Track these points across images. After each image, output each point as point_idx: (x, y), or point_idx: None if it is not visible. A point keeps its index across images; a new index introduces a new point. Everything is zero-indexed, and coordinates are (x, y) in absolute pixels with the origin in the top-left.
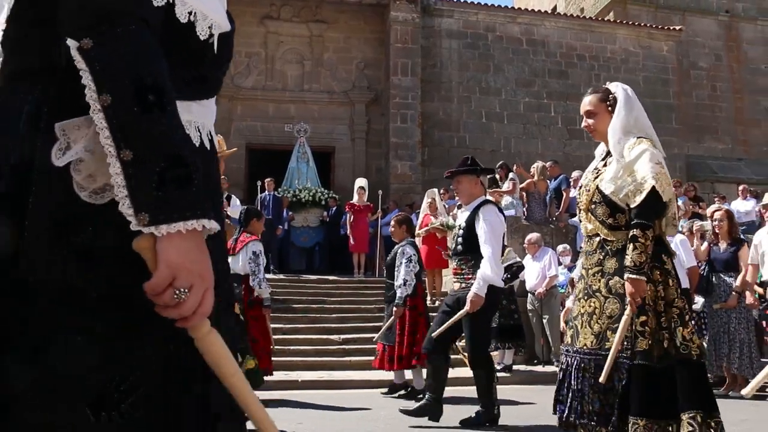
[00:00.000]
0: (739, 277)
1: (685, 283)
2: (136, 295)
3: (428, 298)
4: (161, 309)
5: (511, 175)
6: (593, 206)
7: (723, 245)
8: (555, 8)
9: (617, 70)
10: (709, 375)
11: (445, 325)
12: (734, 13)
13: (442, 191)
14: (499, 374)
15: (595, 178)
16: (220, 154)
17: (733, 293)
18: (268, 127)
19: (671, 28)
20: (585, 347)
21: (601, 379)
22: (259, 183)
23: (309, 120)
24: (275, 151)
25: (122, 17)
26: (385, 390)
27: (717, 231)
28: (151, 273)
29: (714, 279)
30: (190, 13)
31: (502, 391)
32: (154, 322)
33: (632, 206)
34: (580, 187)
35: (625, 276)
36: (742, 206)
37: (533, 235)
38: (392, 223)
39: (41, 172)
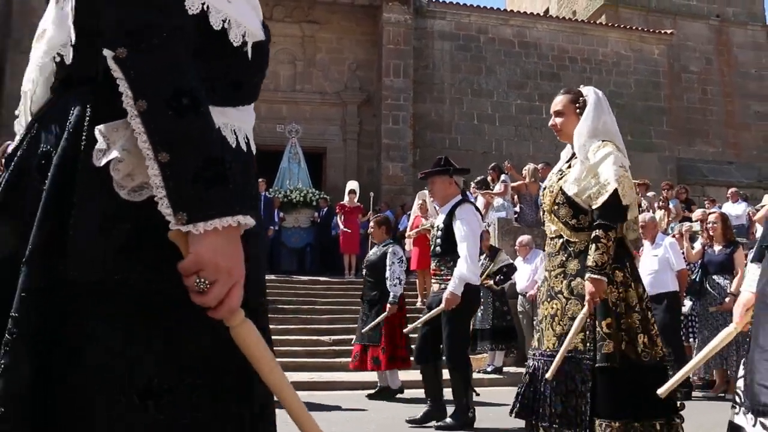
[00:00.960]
0: (736, 279)
1: (674, 286)
2: (176, 290)
3: (419, 299)
4: (191, 294)
5: (503, 177)
6: (556, 207)
7: (717, 248)
8: (547, 11)
9: (609, 73)
10: (697, 378)
11: (418, 321)
12: (724, 17)
13: None
14: (489, 376)
15: (559, 179)
16: None
17: (730, 296)
18: (260, 127)
19: (662, 31)
20: (548, 350)
21: (547, 376)
22: None
23: (301, 120)
24: (267, 152)
25: (157, 28)
26: (372, 392)
27: (711, 233)
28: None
29: (707, 282)
30: (224, 21)
31: (493, 393)
32: (195, 317)
33: (595, 207)
34: (544, 188)
35: (586, 276)
36: (732, 209)
37: (524, 237)
38: (371, 224)
39: (84, 173)
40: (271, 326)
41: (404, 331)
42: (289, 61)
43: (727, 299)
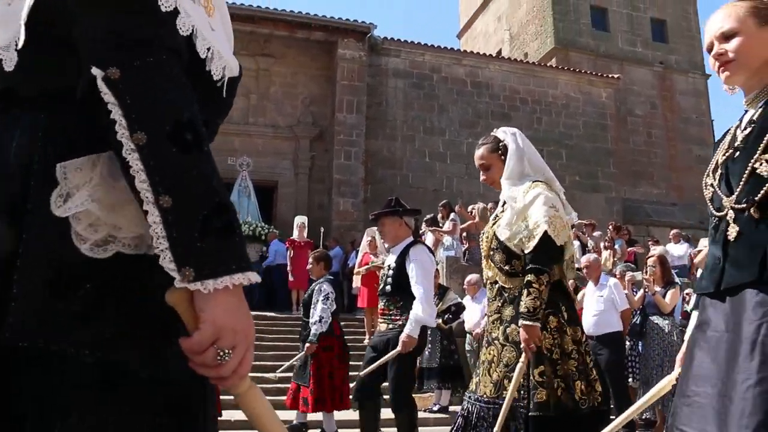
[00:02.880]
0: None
1: (619, 326)
2: (138, 361)
3: (367, 336)
4: (198, 367)
5: (452, 215)
6: (492, 253)
7: (657, 289)
8: (500, 52)
9: (558, 114)
10: (638, 418)
11: (374, 365)
12: (668, 65)
13: None
14: (435, 415)
15: (494, 224)
16: None
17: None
18: None
19: (610, 76)
20: (484, 396)
21: (495, 430)
22: None
23: (253, 154)
24: None
25: (154, 46)
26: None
27: (651, 277)
28: (188, 330)
29: (647, 323)
30: (208, 49)
31: None
32: (156, 393)
33: (526, 252)
34: (481, 234)
35: (519, 322)
36: (675, 250)
37: (473, 276)
38: (310, 260)
39: (35, 219)
40: None
41: (361, 374)
42: (243, 93)
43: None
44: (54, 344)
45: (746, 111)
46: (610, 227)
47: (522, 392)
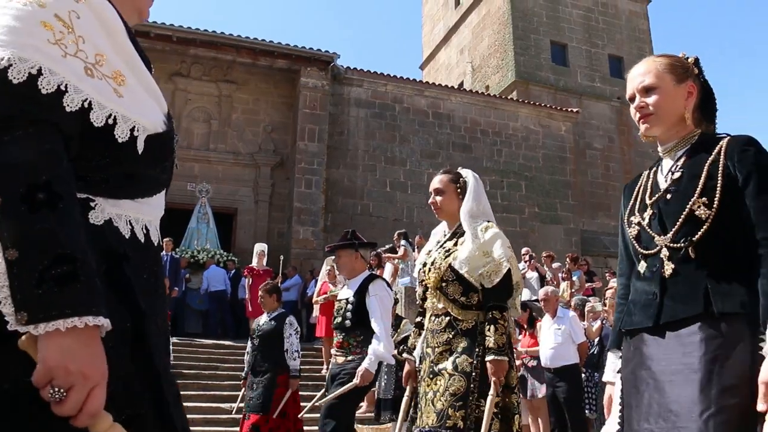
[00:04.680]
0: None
1: (576, 359)
2: (27, 392)
3: (324, 366)
4: (52, 406)
5: (402, 242)
6: (444, 284)
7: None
8: (462, 84)
9: (518, 147)
10: None
11: (329, 397)
12: (625, 100)
13: None
14: None
15: (446, 257)
16: None
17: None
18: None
19: (569, 109)
20: (427, 426)
21: None
22: None
23: (213, 180)
24: (176, 210)
25: (23, 121)
26: None
27: (610, 308)
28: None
29: (604, 355)
30: (108, 117)
31: None
32: (48, 421)
33: (488, 287)
34: (424, 264)
35: (489, 358)
36: None
37: None
38: (261, 293)
39: None
40: None
41: (313, 403)
42: (204, 119)
43: None
44: None
45: (661, 159)
46: (568, 259)
47: (469, 422)
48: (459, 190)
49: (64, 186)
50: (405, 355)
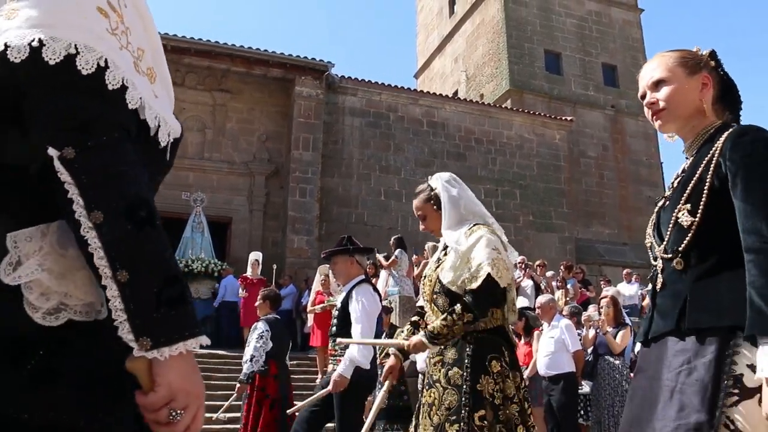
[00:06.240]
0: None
1: (570, 367)
2: (87, 422)
3: (319, 376)
4: (152, 423)
5: (396, 252)
6: (435, 296)
7: (609, 329)
8: (456, 93)
9: (513, 155)
10: None
11: (304, 402)
12: (619, 108)
13: None
14: None
15: (437, 268)
16: None
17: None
18: (164, 193)
19: (563, 118)
20: None
21: None
22: None
23: (207, 189)
24: (170, 219)
25: (106, 125)
26: None
27: (605, 317)
28: (144, 390)
29: (599, 363)
30: (155, 118)
31: None
32: None
33: (468, 289)
34: (423, 278)
35: (416, 337)
36: (626, 290)
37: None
38: (259, 298)
39: None
40: None
41: (288, 411)
42: (199, 128)
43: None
44: (6, 408)
45: (687, 158)
46: (562, 267)
47: None
48: (435, 207)
49: (153, 201)
50: (391, 350)
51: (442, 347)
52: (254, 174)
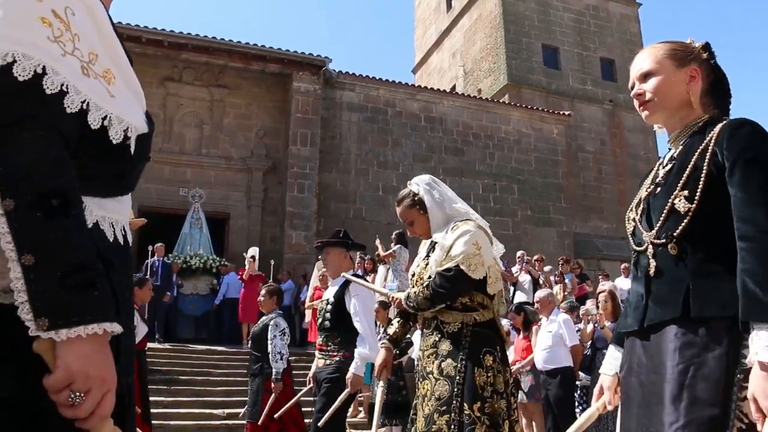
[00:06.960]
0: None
1: (568, 361)
2: (40, 399)
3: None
4: (59, 407)
5: (396, 246)
6: None
7: (607, 323)
8: (454, 87)
9: (510, 150)
10: None
11: (329, 412)
12: (617, 102)
13: None
14: None
15: (426, 266)
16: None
17: None
18: (162, 189)
19: (561, 112)
20: (418, 430)
21: None
22: (150, 248)
23: (205, 185)
24: (168, 215)
25: (29, 122)
26: None
27: (602, 312)
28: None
29: (597, 357)
30: (104, 119)
31: None
32: (57, 426)
33: (437, 270)
34: (413, 276)
35: (397, 293)
36: (625, 284)
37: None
38: (262, 293)
39: None
40: (161, 398)
41: (319, 425)
42: (196, 124)
43: None
44: None
45: (669, 149)
46: (560, 261)
47: (453, 427)
48: (421, 211)
49: (75, 193)
50: (383, 341)
51: (437, 339)
52: (252, 170)
